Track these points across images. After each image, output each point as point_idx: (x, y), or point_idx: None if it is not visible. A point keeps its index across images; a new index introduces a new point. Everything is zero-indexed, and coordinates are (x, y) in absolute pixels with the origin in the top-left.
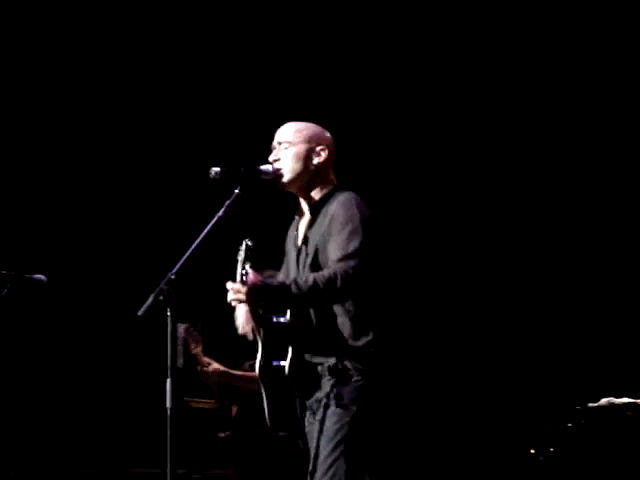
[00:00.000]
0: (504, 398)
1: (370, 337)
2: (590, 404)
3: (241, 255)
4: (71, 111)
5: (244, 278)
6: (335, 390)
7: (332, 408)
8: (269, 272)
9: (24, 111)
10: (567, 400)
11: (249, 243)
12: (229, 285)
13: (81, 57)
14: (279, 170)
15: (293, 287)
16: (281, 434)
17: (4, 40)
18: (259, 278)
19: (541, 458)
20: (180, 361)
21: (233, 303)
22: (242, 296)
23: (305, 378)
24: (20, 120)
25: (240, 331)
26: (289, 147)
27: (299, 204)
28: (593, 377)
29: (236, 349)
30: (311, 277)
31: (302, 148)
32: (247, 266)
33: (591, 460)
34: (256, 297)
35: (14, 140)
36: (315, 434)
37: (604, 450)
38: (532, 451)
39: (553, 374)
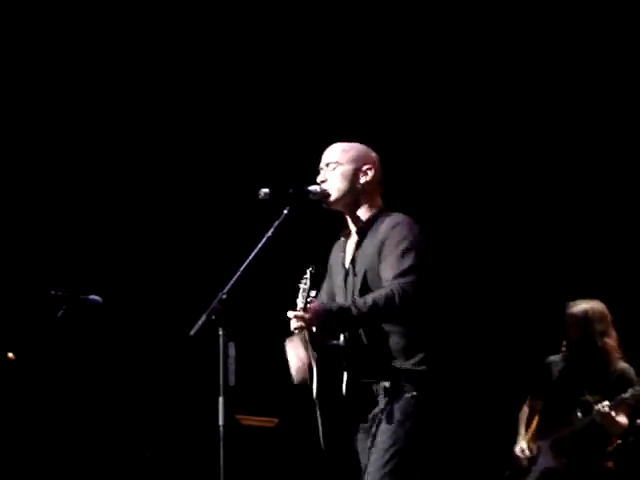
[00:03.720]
0: None
1: (423, 354)
2: (638, 421)
3: (306, 283)
4: (121, 136)
5: (309, 305)
6: (389, 406)
7: (385, 423)
8: None
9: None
10: None
11: (313, 271)
12: (290, 314)
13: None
14: (326, 190)
15: (353, 309)
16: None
17: (4, 40)
18: (319, 304)
19: None
20: (232, 379)
21: (296, 331)
22: (304, 323)
23: (361, 398)
24: (80, 140)
25: (296, 381)
26: (336, 167)
27: (346, 224)
28: None
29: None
30: (370, 297)
31: (349, 168)
32: (312, 293)
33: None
34: (317, 323)
35: (71, 167)
36: (367, 449)
37: None
38: None
39: None
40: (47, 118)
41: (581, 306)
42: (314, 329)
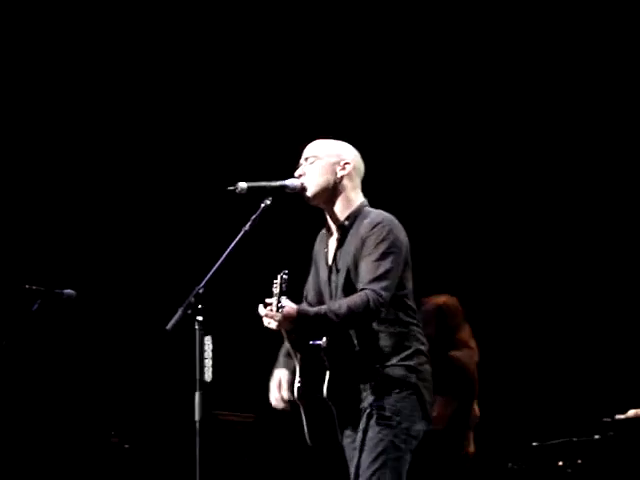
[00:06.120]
0: (532, 410)
1: (410, 350)
2: (618, 416)
3: (277, 287)
4: (100, 130)
5: (280, 310)
6: (377, 402)
7: (374, 419)
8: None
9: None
10: (595, 412)
11: (285, 276)
12: (262, 312)
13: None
14: (304, 184)
15: (329, 314)
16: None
17: (4, 40)
18: (294, 308)
19: (569, 470)
20: (208, 374)
21: (268, 327)
22: (275, 324)
23: (344, 397)
24: (59, 137)
25: (274, 404)
26: (315, 161)
27: (326, 219)
28: (620, 389)
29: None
30: (344, 303)
31: (327, 161)
32: (283, 299)
33: (619, 472)
34: (290, 325)
35: (44, 158)
36: (357, 445)
37: (632, 462)
38: (560, 463)
39: (580, 386)
40: (17, 115)
41: (434, 301)
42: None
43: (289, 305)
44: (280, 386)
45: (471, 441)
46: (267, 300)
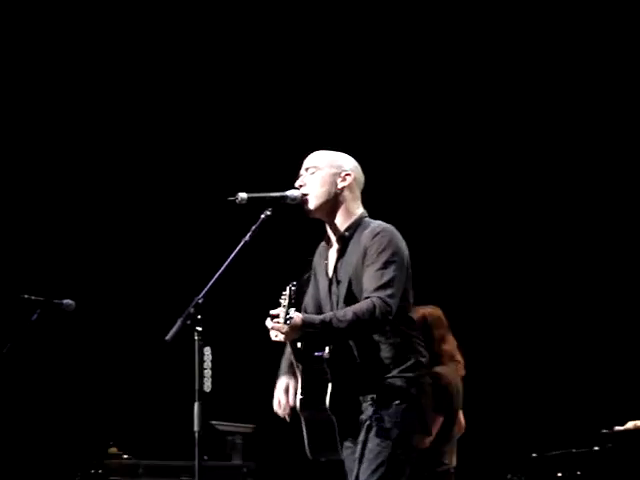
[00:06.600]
0: (531, 422)
1: (411, 362)
2: (616, 427)
3: (285, 299)
4: (100, 140)
5: (288, 322)
6: (377, 414)
7: (374, 431)
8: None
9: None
10: (593, 423)
11: (293, 288)
12: (269, 324)
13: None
14: (305, 196)
15: (334, 322)
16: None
17: (4, 40)
18: (300, 317)
19: None
20: (208, 385)
21: (274, 339)
22: (282, 336)
23: (346, 408)
24: (60, 146)
25: (277, 409)
26: (315, 172)
27: (326, 231)
28: (619, 400)
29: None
30: (350, 311)
31: (327, 172)
32: (291, 311)
33: None
34: (297, 335)
35: (44, 168)
36: (356, 456)
37: (631, 474)
38: (559, 475)
39: (579, 397)
40: (18, 124)
41: (419, 313)
42: (297, 342)
43: (295, 315)
44: (287, 392)
45: (453, 456)
46: (272, 312)
